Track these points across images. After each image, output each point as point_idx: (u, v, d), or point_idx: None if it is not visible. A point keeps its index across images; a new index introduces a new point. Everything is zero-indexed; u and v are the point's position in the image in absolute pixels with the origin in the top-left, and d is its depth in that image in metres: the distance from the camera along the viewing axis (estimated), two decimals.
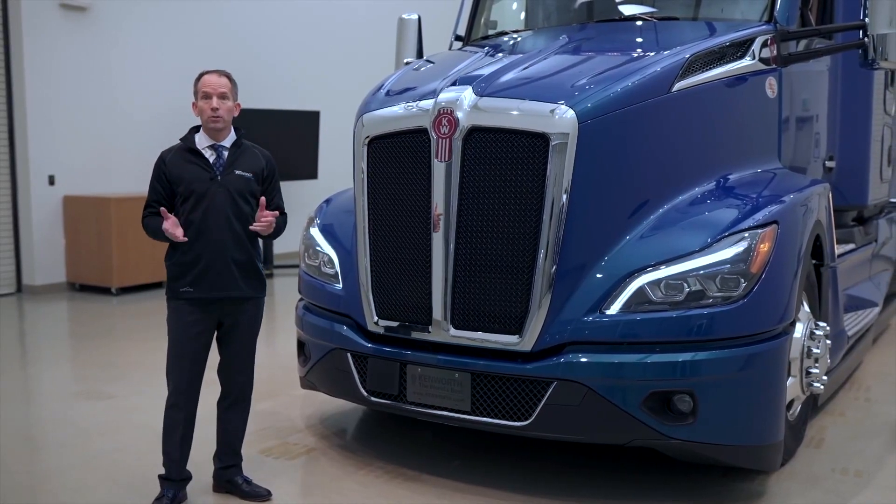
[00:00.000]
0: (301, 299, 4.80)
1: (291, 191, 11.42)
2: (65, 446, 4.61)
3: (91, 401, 5.38)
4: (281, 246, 10.62)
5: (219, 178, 3.70)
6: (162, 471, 3.78)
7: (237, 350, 3.84)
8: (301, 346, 4.64)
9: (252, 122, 10.44)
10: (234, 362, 3.85)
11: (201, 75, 3.76)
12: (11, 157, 9.06)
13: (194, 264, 3.66)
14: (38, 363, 6.62)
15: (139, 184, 9.60)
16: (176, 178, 3.67)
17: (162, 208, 3.64)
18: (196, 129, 3.79)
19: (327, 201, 5.06)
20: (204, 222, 3.66)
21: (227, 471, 3.92)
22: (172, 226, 3.60)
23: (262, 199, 3.74)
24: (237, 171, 3.75)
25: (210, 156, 3.73)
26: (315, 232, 4.75)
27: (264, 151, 3.93)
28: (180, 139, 3.78)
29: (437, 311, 3.90)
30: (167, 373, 3.76)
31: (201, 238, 3.66)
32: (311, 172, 11.19)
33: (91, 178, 9.48)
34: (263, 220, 3.72)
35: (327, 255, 4.57)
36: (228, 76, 3.78)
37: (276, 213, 3.81)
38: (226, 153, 3.76)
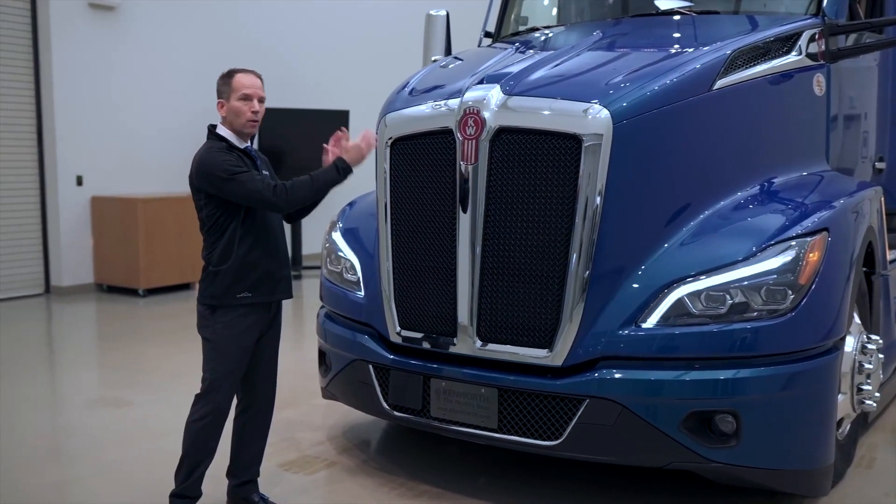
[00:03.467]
0: (322, 306, 4.62)
1: None
2: (77, 456, 4.48)
3: (109, 408, 5.26)
4: (309, 247, 10.51)
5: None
6: (172, 486, 3.59)
7: (267, 358, 3.68)
8: (322, 355, 4.46)
9: (281, 122, 10.38)
10: (262, 370, 3.67)
11: (234, 73, 3.52)
12: (40, 158, 9.02)
13: (255, 267, 3.47)
14: (59, 367, 6.53)
15: (166, 184, 9.54)
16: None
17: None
18: (215, 128, 3.55)
19: (350, 204, 4.88)
20: (262, 223, 3.51)
21: (243, 488, 3.74)
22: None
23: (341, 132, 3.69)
24: (265, 172, 3.63)
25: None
26: (337, 237, 4.58)
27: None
28: (214, 139, 3.51)
29: (463, 321, 3.69)
30: (212, 388, 3.45)
31: (261, 240, 3.49)
32: None
33: (118, 178, 9.42)
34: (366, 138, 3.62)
35: (349, 261, 4.38)
36: (261, 77, 3.60)
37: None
38: (255, 154, 3.61)
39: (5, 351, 6.73)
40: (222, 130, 3.53)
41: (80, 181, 9.15)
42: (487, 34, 5.71)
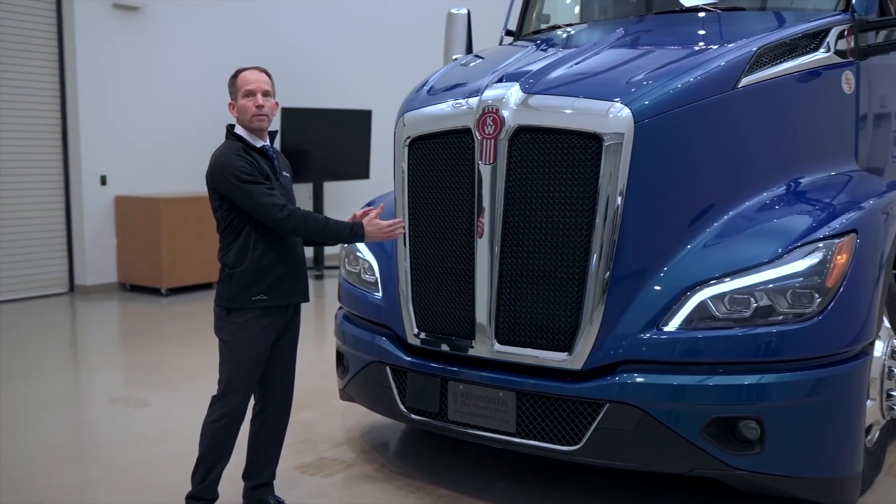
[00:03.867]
0: (340, 308, 4.59)
1: (343, 191, 11.38)
2: (96, 456, 4.48)
3: (128, 408, 5.26)
4: (331, 247, 10.50)
5: (280, 180, 3.51)
6: (188, 488, 3.57)
7: (285, 360, 3.64)
8: (340, 357, 4.42)
9: (304, 122, 10.39)
10: (280, 373, 3.63)
11: (238, 72, 3.51)
12: (65, 158, 9.09)
13: (270, 270, 3.42)
14: (81, 366, 6.55)
15: (189, 184, 9.57)
16: (261, 176, 3.39)
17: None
18: (233, 128, 3.53)
19: (370, 204, 4.82)
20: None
21: (259, 490, 3.70)
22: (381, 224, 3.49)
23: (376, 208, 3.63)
24: (284, 173, 3.58)
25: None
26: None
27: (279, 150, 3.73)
28: (232, 140, 3.47)
29: (481, 323, 3.64)
30: (229, 390, 3.42)
31: (277, 242, 3.45)
32: (362, 172, 11.04)
33: (142, 178, 9.46)
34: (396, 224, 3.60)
35: (368, 261, 4.34)
36: (267, 72, 3.56)
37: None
38: (273, 154, 3.56)
39: (30, 349, 6.77)
40: (239, 130, 3.50)
41: (103, 181, 9.20)
42: (509, 32, 5.65)
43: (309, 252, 10.99)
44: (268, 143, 3.54)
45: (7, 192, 8.65)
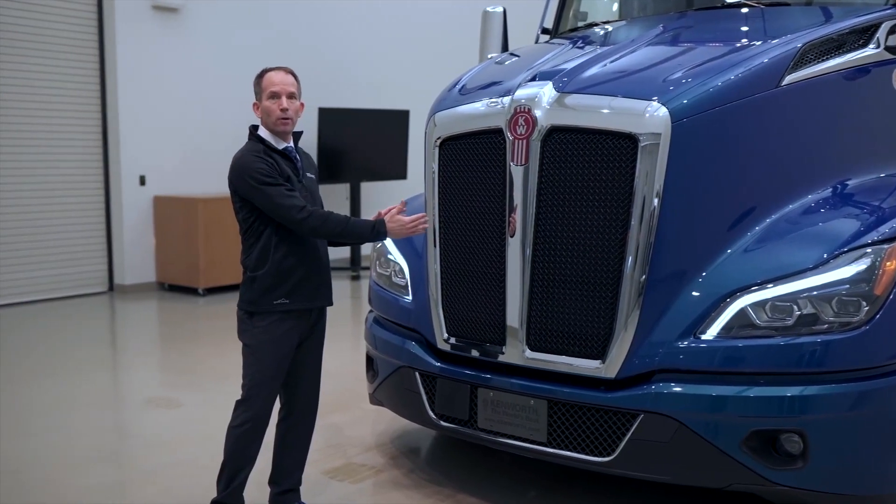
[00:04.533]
0: (371, 311, 4.52)
1: (381, 191, 11.33)
2: (127, 458, 4.47)
3: (160, 409, 5.25)
4: (367, 247, 10.46)
5: (303, 181, 3.44)
6: (215, 493, 3.53)
7: (311, 364, 3.58)
8: (370, 361, 4.35)
9: (341, 122, 10.36)
10: (305, 377, 3.57)
11: (264, 73, 3.45)
12: (105, 158, 9.17)
13: (292, 273, 3.37)
14: (117, 366, 6.59)
15: (226, 185, 9.55)
16: (282, 178, 3.33)
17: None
18: (256, 129, 3.47)
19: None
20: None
21: (285, 496, 3.64)
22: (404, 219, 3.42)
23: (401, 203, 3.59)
24: (308, 174, 3.52)
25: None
26: (387, 239, 4.45)
27: (306, 151, 3.66)
28: (254, 141, 3.42)
29: (512, 329, 3.54)
30: (252, 394, 3.37)
31: (300, 244, 3.39)
32: (400, 172, 10.99)
33: (180, 178, 9.51)
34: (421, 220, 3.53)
35: (398, 264, 4.27)
36: (293, 73, 3.50)
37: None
38: (297, 155, 3.49)
39: (68, 348, 6.83)
40: (262, 132, 3.44)
41: (142, 181, 9.27)
42: (545, 30, 5.53)
43: (345, 252, 10.98)
44: (291, 144, 3.48)
45: (49, 192, 8.75)
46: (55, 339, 7.25)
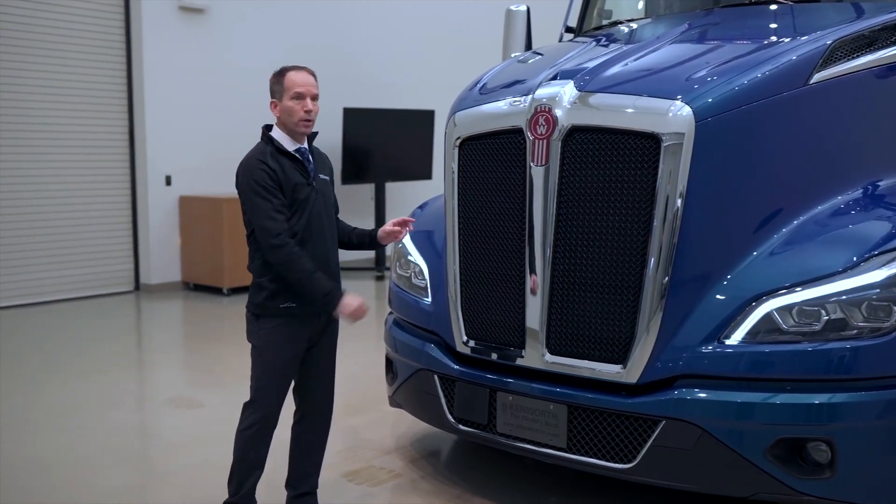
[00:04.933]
0: (390, 312, 4.48)
1: (405, 191, 11.30)
2: (145, 459, 4.47)
3: (182, 409, 5.25)
4: (392, 248, 10.44)
5: (313, 183, 3.37)
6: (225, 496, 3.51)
7: (324, 367, 3.53)
8: (389, 363, 4.31)
9: (366, 123, 10.35)
10: (318, 380, 3.53)
11: (285, 71, 3.38)
12: (131, 158, 9.22)
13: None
14: (140, 365, 6.62)
15: None
16: (285, 184, 3.26)
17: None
18: (269, 129, 3.42)
19: (422, 206, 4.72)
20: (307, 232, 3.32)
21: (302, 499, 3.61)
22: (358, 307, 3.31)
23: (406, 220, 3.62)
24: (321, 175, 3.46)
25: (300, 159, 3.38)
26: (407, 240, 4.41)
27: (323, 153, 3.60)
28: (264, 143, 3.38)
29: (532, 332, 3.48)
30: (259, 396, 3.35)
31: (305, 249, 3.32)
32: (425, 173, 10.95)
33: (206, 178, 9.53)
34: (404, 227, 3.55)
35: (418, 265, 4.22)
36: (314, 74, 3.45)
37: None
38: (310, 156, 3.44)
39: (93, 347, 6.86)
40: (276, 132, 3.39)
41: (168, 181, 9.31)
42: (569, 29, 5.46)
43: (370, 253, 10.97)
44: (305, 145, 3.42)
45: (76, 191, 8.81)
46: (81, 337, 7.29)
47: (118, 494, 3.97)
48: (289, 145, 3.36)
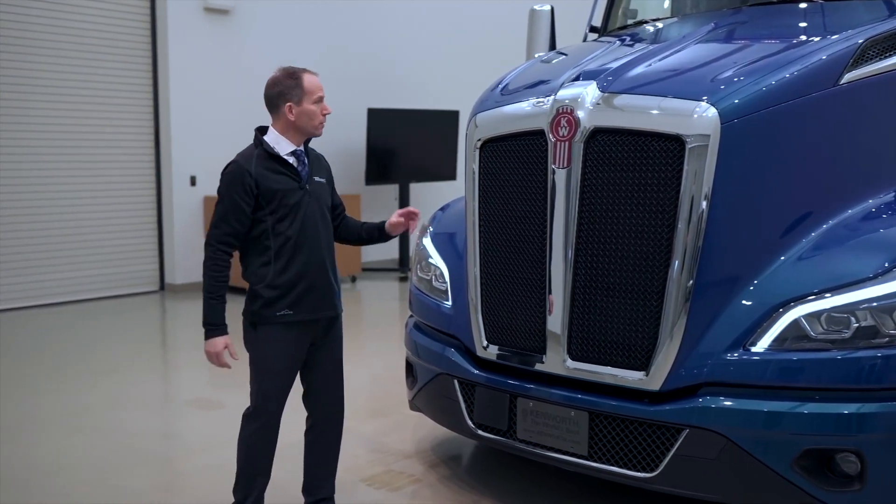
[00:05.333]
0: (411, 315, 4.44)
1: (430, 192, 11.26)
2: (164, 460, 4.46)
3: (203, 410, 5.25)
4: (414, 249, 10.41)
5: (306, 186, 3.33)
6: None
7: (329, 371, 3.49)
8: (409, 367, 4.27)
9: (391, 123, 10.32)
10: (326, 386, 3.49)
11: (300, 74, 3.35)
12: (157, 159, 9.27)
13: (294, 284, 3.26)
14: (163, 365, 6.64)
15: None
16: (268, 192, 3.21)
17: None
18: (263, 131, 3.36)
19: (443, 208, 4.67)
20: (301, 237, 3.27)
21: None
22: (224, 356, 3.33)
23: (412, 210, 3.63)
24: (316, 178, 3.39)
25: (293, 162, 3.33)
26: (427, 242, 4.38)
27: (319, 153, 3.56)
28: (254, 146, 3.33)
29: (553, 338, 3.42)
30: (258, 405, 3.34)
31: (299, 255, 3.27)
32: (449, 174, 10.91)
33: None
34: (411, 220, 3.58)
35: (439, 268, 4.17)
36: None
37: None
38: (306, 158, 3.38)
39: (118, 347, 6.89)
40: (271, 136, 3.33)
41: (193, 181, 9.34)
42: (593, 29, 5.39)
43: (394, 253, 10.96)
44: (302, 147, 3.38)
45: (102, 192, 8.88)
46: (106, 337, 7.33)
47: (136, 496, 3.97)
48: (283, 148, 3.31)
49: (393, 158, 10.43)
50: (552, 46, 5.39)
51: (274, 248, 3.25)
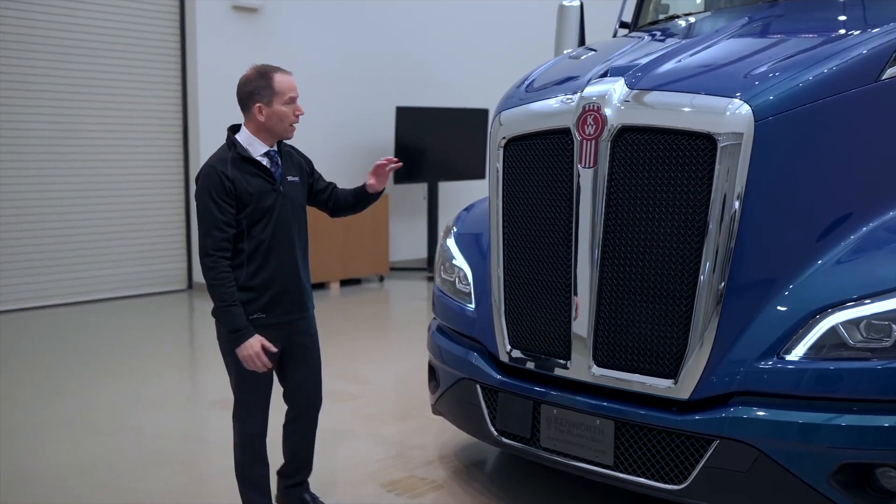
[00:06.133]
0: (434, 318, 4.34)
1: (458, 191, 11.17)
2: (185, 462, 4.41)
3: (223, 411, 5.17)
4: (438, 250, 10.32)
5: (280, 188, 3.27)
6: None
7: (307, 371, 3.47)
8: (432, 370, 4.18)
9: (419, 121, 10.24)
10: (305, 384, 3.49)
11: (270, 73, 3.26)
12: (185, 158, 9.27)
13: (266, 287, 3.23)
14: (189, 364, 6.62)
15: None
16: (244, 195, 3.16)
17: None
18: (235, 130, 3.29)
19: (468, 208, 4.57)
20: (274, 240, 3.24)
21: (294, 489, 3.65)
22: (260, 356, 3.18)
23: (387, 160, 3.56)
24: (289, 178, 3.33)
25: (267, 164, 3.27)
26: (451, 243, 4.28)
27: (294, 148, 3.50)
28: (227, 148, 3.27)
29: (578, 343, 3.31)
30: (240, 411, 3.36)
31: (272, 258, 3.24)
32: (478, 172, 10.79)
33: None
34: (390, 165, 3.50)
35: (462, 270, 4.08)
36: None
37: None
38: (279, 159, 3.31)
39: (144, 346, 6.88)
40: (242, 136, 3.26)
41: None
42: (623, 24, 5.25)
43: (422, 253, 10.88)
44: (275, 147, 3.31)
45: (130, 190, 8.89)
46: (132, 336, 7.33)
47: (157, 498, 3.92)
48: (256, 150, 3.24)
49: (421, 157, 10.34)
50: (581, 42, 5.26)
51: (248, 250, 3.20)
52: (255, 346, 3.15)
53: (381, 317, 8.57)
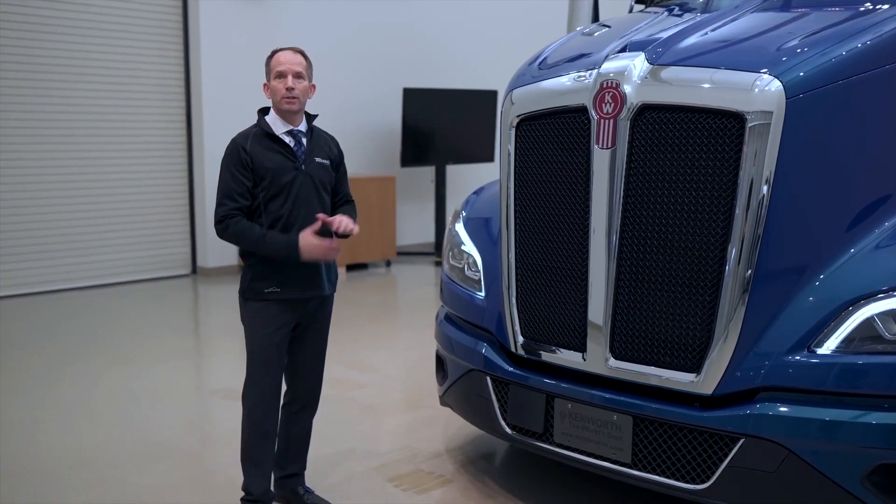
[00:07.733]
0: (442, 306, 4.17)
1: (466, 174, 10.98)
2: (186, 455, 4.27)
3: (227, 400, 5.05)
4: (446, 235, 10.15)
5: (302, 167, 3.31)
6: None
7: (313, 351, 3.48)
8: (440, 361, 4.01)
9: (427, 103, 10.04)
10: (307, 365, 3.49)
11: (273, 53, 3.37)
12: (189, 143, 9.11)
13: (283, 262, 3.26)
14: (193, 352, 6.48)
15: None
16: (261, 169, 3.24)
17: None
18: (265, 112, 3.38)
19: (477, 192, 4.39)
20: (292, 216, 3.28)
21: (288, 480, 3.56)
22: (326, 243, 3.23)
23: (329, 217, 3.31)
24: (317, 159, 3.38)
25: (290, 142, 3.33)
26: (460, 228, 4.10)
27: (332, 136, 3.54)
28: (253, 125, 3.37)
29: (594, 334, 3.13)
30: (251, 382, 3.36)
31: (290, 233, 3.27)
32: (487, 155, 10.60)
33: None
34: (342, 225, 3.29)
35: (472, 256, 3.90)
36: (304, 53, 3.40)
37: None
38: (304, 139, 3.36)
39: (148, 332, 6.74)
40: (270, 115, 3.37)
41: None
42: (639, 0, 5.04)
43: (430, 237, 10.71)
44: (301, 127, 3.35)
45: (134, 174, 8.75)
46: (136, 322, 7.19)
47: (156, 492, 3.78)
48: (279, 128, 3.33)
49: (429, 139, 10.15)
50: (595, 19, 5.08)
51: (265, 225, 3.26)
52: (309, 241, 3.19)
53: (388, 302, 8.41)
